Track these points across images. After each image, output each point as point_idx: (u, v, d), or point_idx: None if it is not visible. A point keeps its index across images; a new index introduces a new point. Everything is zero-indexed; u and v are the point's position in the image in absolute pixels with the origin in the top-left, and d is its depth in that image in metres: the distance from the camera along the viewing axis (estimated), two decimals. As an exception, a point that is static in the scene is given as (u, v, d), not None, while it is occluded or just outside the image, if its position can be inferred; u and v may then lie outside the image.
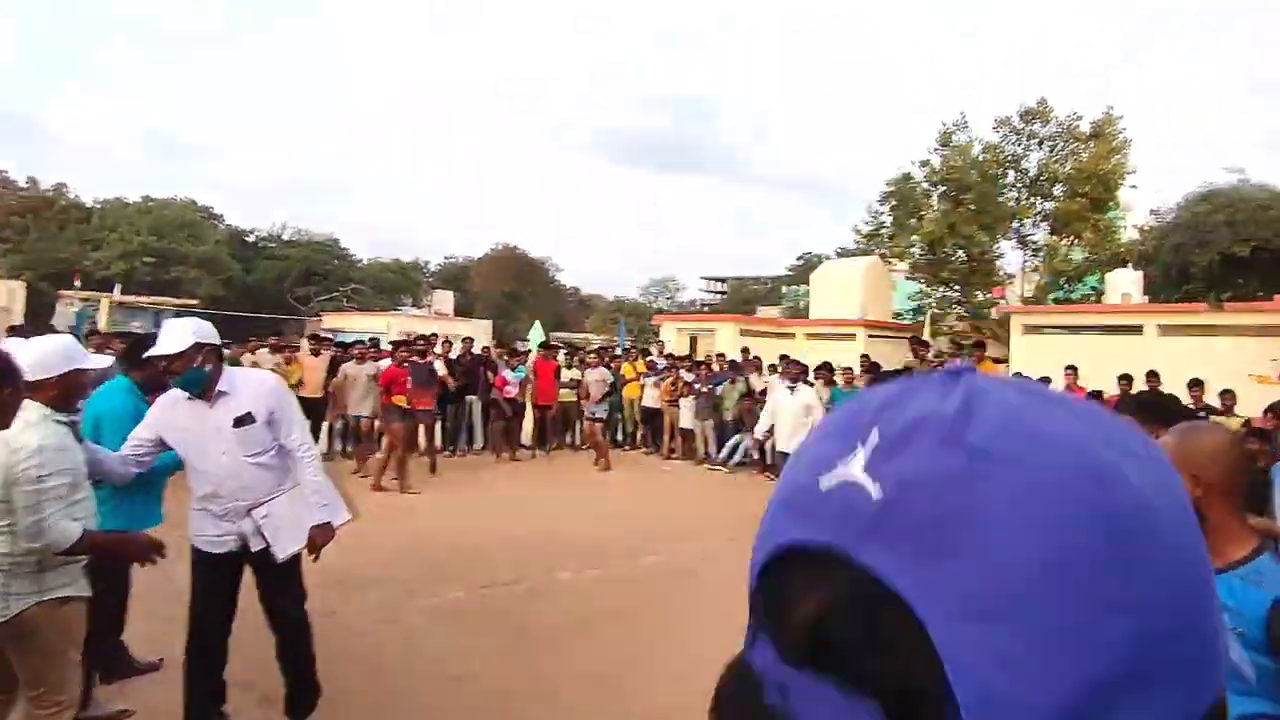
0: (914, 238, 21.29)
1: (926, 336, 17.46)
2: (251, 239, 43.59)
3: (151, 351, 3.06)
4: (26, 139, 71.50)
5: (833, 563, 0.29)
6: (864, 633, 0.28)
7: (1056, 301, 19.09)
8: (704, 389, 11.64)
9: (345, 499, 3.44)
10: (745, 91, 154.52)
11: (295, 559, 3.25)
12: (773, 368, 11.82)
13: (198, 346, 3.00)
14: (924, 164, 21.71)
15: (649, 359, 13.79)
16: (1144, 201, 21.65)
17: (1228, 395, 8.93)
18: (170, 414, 3.10)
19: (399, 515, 7.32)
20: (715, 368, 12.75)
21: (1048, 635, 0.27)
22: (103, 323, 20.83)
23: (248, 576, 3.28)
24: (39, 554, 2.41)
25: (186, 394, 3.06)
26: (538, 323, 26.63)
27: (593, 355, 12.71)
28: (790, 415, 8.44)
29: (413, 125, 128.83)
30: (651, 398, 12.53)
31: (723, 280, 61.43)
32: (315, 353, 10.51)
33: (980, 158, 20.60)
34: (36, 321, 21.28)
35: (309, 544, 3.19)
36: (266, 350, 10.36)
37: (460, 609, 5.00)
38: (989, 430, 0.29)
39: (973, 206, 20.14)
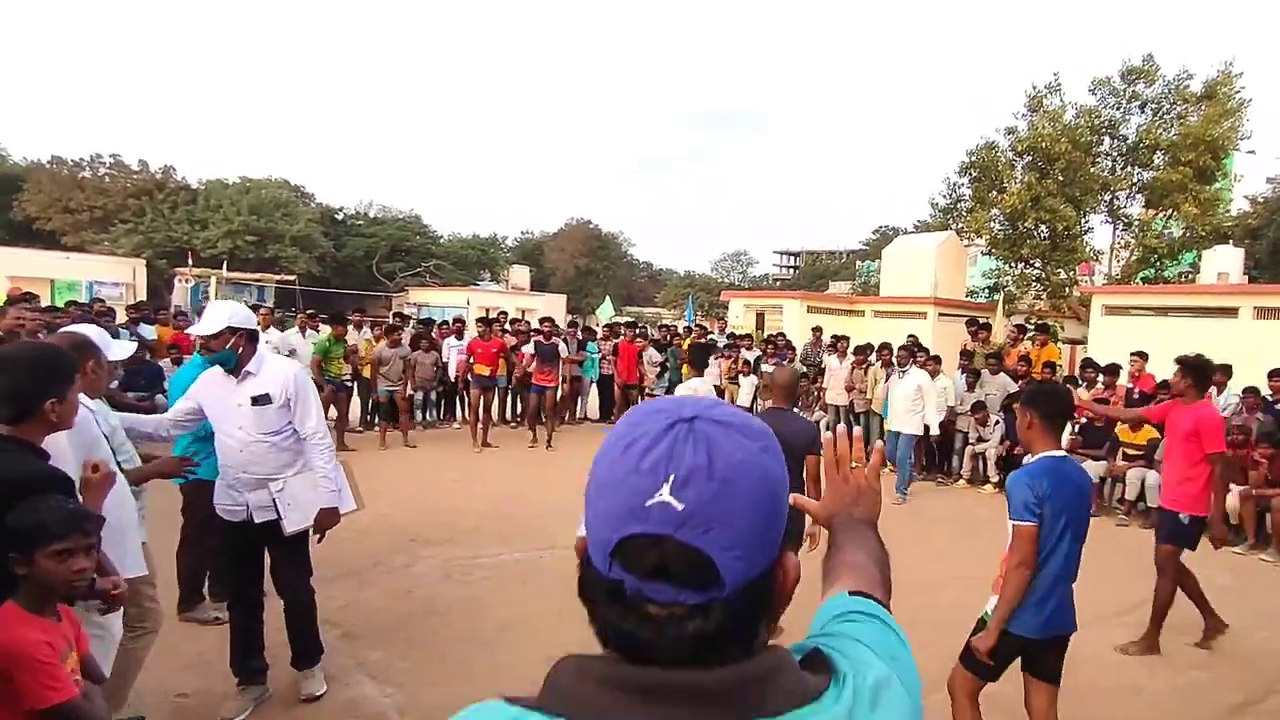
0: (994, 211, 19.98)
1: (999, 316, 16.47)
2: (340, 217, 45.16)
3: (190, 330, 3.72)
4: (129, 123, 75.22)
5: (663, 539, 0.61)
6: (683, 563, 0.61)
7: (1146, 281, 17.50)
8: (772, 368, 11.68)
9: (353, 490, 3.79)
10: (830, 61, 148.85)
11: (304, 538, 3.56)
12: (829, 347, 12.17)
13: (230, 330, 3.32)
14: (1010, 131, 20.25)
15: (709, 337, 14.25)
16: (1262, 169, 19.50)
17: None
18: (207, 387, 3.46)
19: (473, 482, 8.32)
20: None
21: (759, 544, 0.64)
22: (214, 298, 22.26)
23: None
24: None
25: (222, 370, 3.40)
26: (608, 298, 26.76)
27: (640, 340, 12.96)
28: (902, 398, 8.89)
29: (491, 104, 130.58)
30: (712, 375, 12.77)
31: (795, 255, 59.79)
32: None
33: (1073, 123, 19.00)
34: (154, 298, 23.51)
35: (316, 525, 3.50)
36: (352, 328, 10.76)
37: (519, 568, 5.55)
38: (719, 467, 0.62)
39: (1060, 177, 18.66)
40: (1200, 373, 4.62)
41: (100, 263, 26.78)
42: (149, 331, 10.14)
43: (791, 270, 57.53)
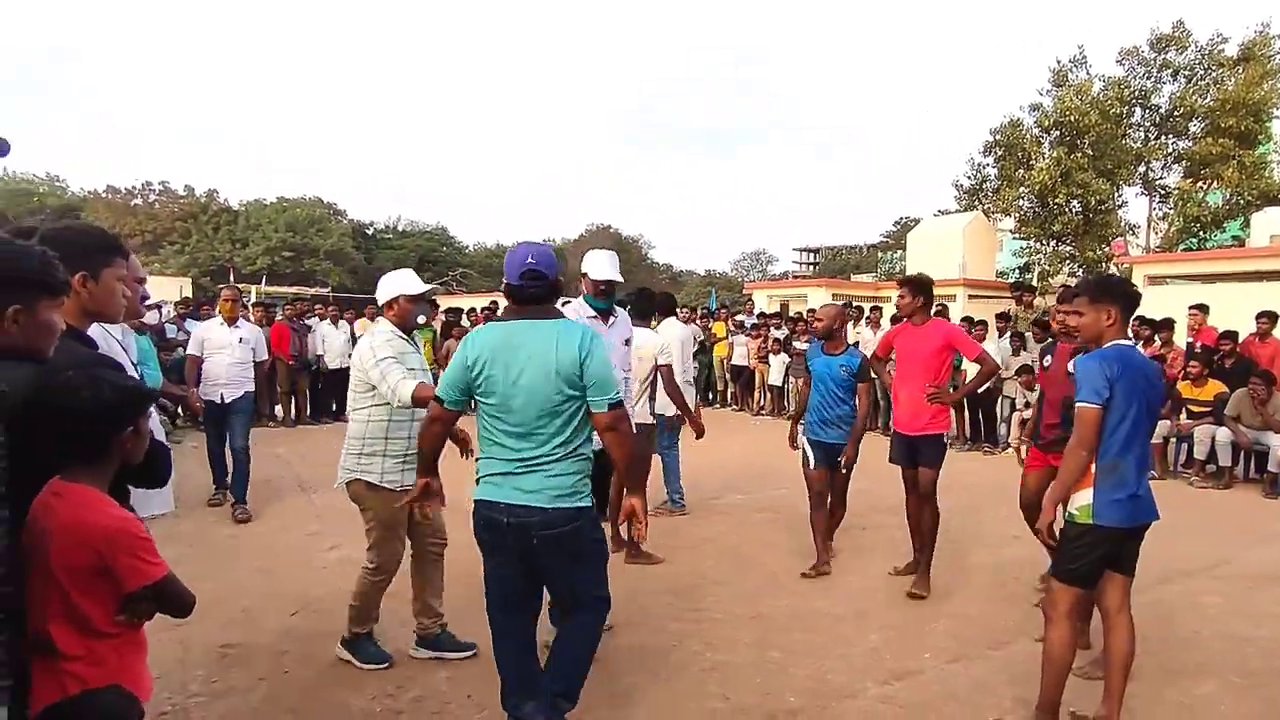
0: (1022, 189, 19.35)
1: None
2: (370, 231, 48.13)
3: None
4: (174, 145, 78.82)
5: (532, 268, 2.69)
6: (535, 275, 2.67)
7: (1189, 251, 16.80)
8: (801, 348, 11.08)
9: None
10: (846, 54, 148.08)
11: None
12: (866, 319, 11.53)
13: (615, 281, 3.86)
14: (1035, 108, 19.65)
15: (737, 318, 14.36)
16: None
17: None
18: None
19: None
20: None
21: (550, 270, 2.70)
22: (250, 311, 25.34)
23: None
24: (367, 440, 3.33)
25: (593, 314, 3.80)
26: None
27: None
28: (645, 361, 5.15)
29: (508, 112, 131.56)
30: (741, 355, 12.80)
31: (815, 251, 59.18)
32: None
33: (1101, 95, 18.35)
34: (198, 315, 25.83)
35: None
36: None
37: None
38: (540, 252, 2.70)
39: (1090, 151, 18.01)
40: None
41: (151, 283, 29.38)
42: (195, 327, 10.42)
43: (811, 266, 56.90)
